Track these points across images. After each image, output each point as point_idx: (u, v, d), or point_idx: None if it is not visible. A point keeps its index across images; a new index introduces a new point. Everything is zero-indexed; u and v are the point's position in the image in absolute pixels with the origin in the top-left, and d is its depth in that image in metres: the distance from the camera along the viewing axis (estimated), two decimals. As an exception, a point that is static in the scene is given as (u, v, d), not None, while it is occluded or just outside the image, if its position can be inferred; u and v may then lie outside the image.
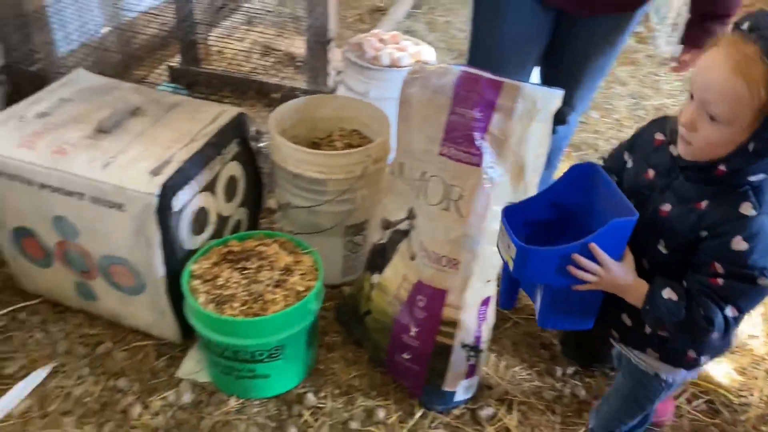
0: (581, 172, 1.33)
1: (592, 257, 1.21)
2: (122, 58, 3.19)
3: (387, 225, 1.76)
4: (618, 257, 1.23)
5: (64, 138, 1.72)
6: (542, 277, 1.29)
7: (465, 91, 1.45)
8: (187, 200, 1.72)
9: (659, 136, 1.31)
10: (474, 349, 1.67)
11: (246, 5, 3.58)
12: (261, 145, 2.34)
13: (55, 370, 1.80)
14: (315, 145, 2.10)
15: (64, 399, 1.73)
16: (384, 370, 1.84)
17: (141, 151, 1.69)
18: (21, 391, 1.73)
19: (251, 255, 1.75)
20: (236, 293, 1.65)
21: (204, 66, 3.31)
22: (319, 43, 2.90)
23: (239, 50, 3.49)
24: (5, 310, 1.97)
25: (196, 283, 1.68)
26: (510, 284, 1.53)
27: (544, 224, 1.38)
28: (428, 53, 2.62)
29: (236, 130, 1.90)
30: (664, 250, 1.25)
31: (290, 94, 3.06)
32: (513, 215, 1.31)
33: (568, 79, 1.86)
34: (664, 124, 1.31)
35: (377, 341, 1.79)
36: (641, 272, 1.26)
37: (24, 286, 2.01)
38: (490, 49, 1.88)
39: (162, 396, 1.75)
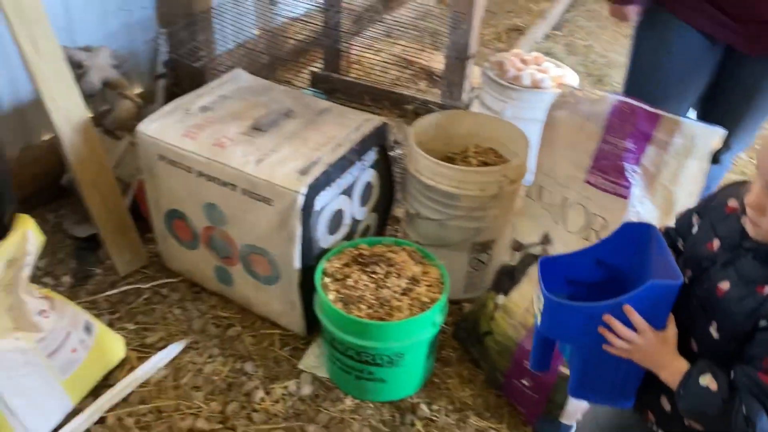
0: (634, 230, 1.20)
1: (629, 322, 1.07)
2: (270, 60, 3.39)
3: (518, 247, 1.76)
4: (659, 326, 1.08)
5: (223, 132, 1.85)
6: (571, 336, 1.17)
7: (619, 120, 1.43)
8: (328, 201, 1.80)
9: (732, 203, 1.15)
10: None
11: (387, 18, 3.69)
12: (395, 153, 2.40)
13: (189, 346, 1.94)
14: (449, 159, 2.13)
15: (195, 374, 1.86)
16: (499, 392, 1.83)
17: (292, 151, 1.79)
18: (159, 361, 1.87)
19: (380, 260, 1.80)
20: (364, 295, 1.71)
21: (344, 74, 3.45)
22: (459, 59, 2.95)
23: (377, 61, 3.60)
24: (150, 284, 2.14)
25: (327, 280, 1.76)
26: (542, 343, 1.32)
27: (591, 285, 1.25)
28: (571, 77, 2.59)
29: (377, 138, 1.97)
30: (715, 334, 1.08)
31: (424, 106, 3.13)
32: (554, 269, 1.21)
33: (729, 118, 1.77)
34: (739, 190, 1.14)
35: (496, 363, 1.79)
36: (687, 354, 1.10)
37: (168, 264, 2.18)
38: (651, 85, 1.83)
39: (284, 384, 1.83)
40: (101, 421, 1.70)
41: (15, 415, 1.53)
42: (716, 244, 1.13)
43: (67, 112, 1.92)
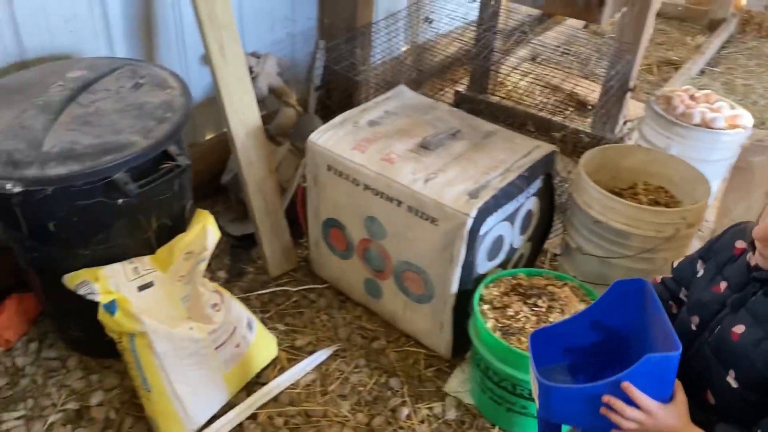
0: (627, 288, 1.14)
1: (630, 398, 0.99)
2: (416, 75, 3.42)
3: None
4: (665, 396, 1.00)
5: (391, 148, 1.87)
6: (574, 419, 1.09)
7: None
8: (492, 226, 1.77)
9: (740, 244, 1.08)
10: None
11: (534, 40, 3.63)
12: (559, 186, 2.34)
13: (335, 353, 1.96)
14: (616, 194, 2.04)
15: (342, 383, 1.87)
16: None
17: (460, 172, 1.78)
18: (308, 364, 1.91)
19: (542, 293, 1.75)
20: (525, 328, 1.66)
21: (489, 94, 3.42)
22: (619, 90, 2.84)
23: (525, 84, 3.54)
24: (298, 288, 2.19)
25: (485, 307, 1.72)
26: (547, 425, 1.22)
27: (591, 349, 1.18)
28: (746, 119, 2.43)
29: (545, 166, 1.92)
30: (734, 384, 0.99)
31: (573, 136, 3.03)
32: (549, 340, 1.13)
33: None
34: (745, 231, 1.08)
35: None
36: (706, 409, 1.02)
37: (317, 270, 2.22)
38: None
39: (428, 405, 1.81)
40: (253, 417, 1.75)
41: (180, 401, 1.60)
42: (723, 285, 1.07)
43: (243, 115, 2.02)
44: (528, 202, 1.91)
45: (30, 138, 1.38)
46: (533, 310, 1.70)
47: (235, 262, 2.30)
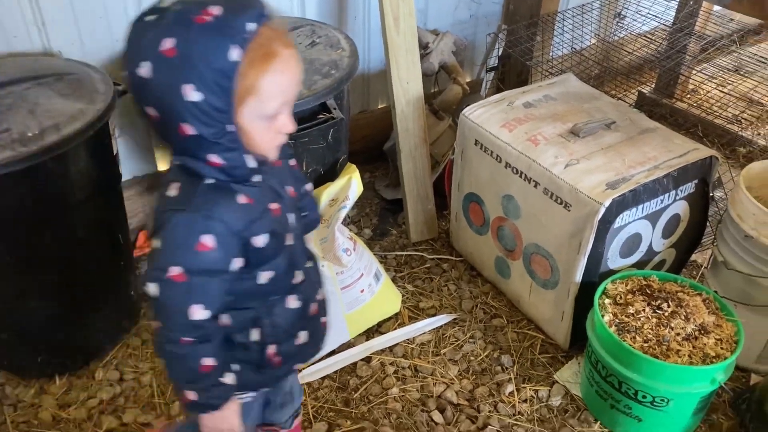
0: None
1: None
2: (600, 72, 3.33)
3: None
4: None
5: (540, 130, 1.89)
6: None
7: None
8: (628, 221, 1.74)
9: None
10: None
11: (741, 51, 3.35)
12: (716, 194, 2.20)
13: (455, 321, 2.04)
14: (781, 212, 1.89)
15: (455, 349, 1.95)
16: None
17: (604, 163, 1.76)
18: (428, 325, 2.01)
19: (669, 298, 1.69)
20: (642, 327, 1.62)
21: (674, 98, 3.24)
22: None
23: (718, 94, 3.30)
24: (434, 256, 2.30)
25: (607, 301, 1.70)
26: None
27: None
28: None
29: (701, 171, 1.82)
30: None
31: (761, 153, 2.79)
32: None
33: None
34: None
35: (777, 446, 1.58)
36: None
37: (454, 243, 2.31)
38: None
39: (535, 388, 1.84)
40: (367, 360, 1.89)
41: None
42: None
43: (407, 84, 2.14)
44: (675, 206, 1.83)
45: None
46: (655, 312, 1.65)
47: (382, 223, 2.45)
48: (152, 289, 0.97)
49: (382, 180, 2.64)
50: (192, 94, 0.87)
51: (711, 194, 1.92)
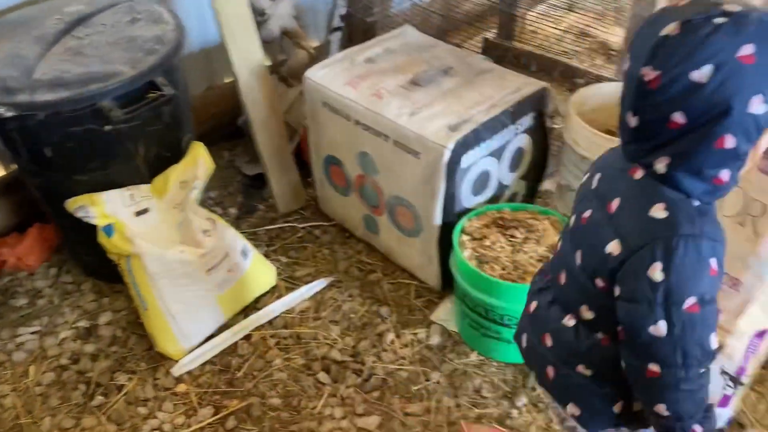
0: None
1: None
2: (443, 23, 3.42)
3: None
4: None
5: (382, 83, 1.92)
6: None
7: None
8: (475, 161, 1.82)
9: None
10: (734, 379, 1.51)
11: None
12: (556, 126, 2.34)
13: (332, 284, 2.07)
14: (610, 133, 2.04)
15: (335, 310, 1.98)
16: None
17: (445, 107, 1.82)
18: (305, 292, 2.02)
19: (521, 225, 1.79)
20: (499, 257, 1.71)
21: (517, 42, 3.38)
22: (639, 33, 2.77)
23: (554, 32, 3.49)
24: (305, 225, 2.30)
25: (465, 238, 1.78)
26: None
27: None
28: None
29: (535, 103, 1.93)
30: None
31: (597, 82, 2.99)
32: None
33: None
34: None
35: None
36: None
37: (323, 208, 2.32)
38: None
39: (414, 332, 1.90)
40: (247, 338, 1.88)
41: (174, 319, 1.75)
42: None
43: (246, 54, 2.09)
44: (517, 140, 1.94)
45: (23, 67, 1.51)
46: (510, 241, 1.75)
47: (248, 199, 2.42)
48: (661, 328, 0.88)
49: (243, 156, 2.59)
50: (758, 106, 0.81)
51: (549, 124, 2.04)
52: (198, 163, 1.71)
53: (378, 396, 1.74)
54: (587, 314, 1.03)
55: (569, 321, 1.07)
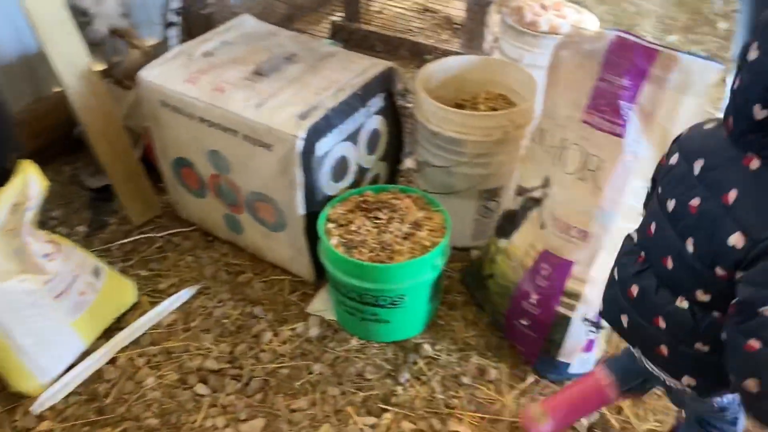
0: None
1: None
2: (288, 9, 3.36)
3: (521, 191, 1.73)
4: None
5: (223, 77, 1.85)
6: None
7: (617, 57, 1.37)
8: (330, 147, 1.80)
9: None
10: (595, 324, 1.62)
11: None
12: (407, 104, 2.37)
13: (200, 291, 1.98)
14: (459, 106, 2.09)
15: (205, 318, 1.90)
16: (501, 334, 1.84)
17: (292, 95, 1.78)
18: (170, 305, 1.92)
19: (384, 206, 1.80)
20: (366, 240, 1.71)
21: (363, 23, 3.39)
22: (479, 6, 2.87)
23: (399, 10, 3.53)
24: (163, 233, 2.18)
25: (330, 226, 1.77)
26: None
27: None
28: (590, 22, 2.50)
29: (384, 83, 1.94)
30: None
31: (444, 56, 3.06)
32: None
33: None
34: None
35: (497, 305, 1.79)
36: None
37: (181, 213, 2.21)
38: None
39: (291, 327, 1.87)
40: (113, 361, 1.76)
41: (26, 354, 1.59)
42: None
43: (70, 58, 1.92)
44: (371, 122, 1.94)
45: None
46: (374, 223, 1.75)
47: (97, 214, 2.26)
48: None
49: (86, 169, 2.41)
50: None
51: (400, 103, 2.06)
52: (28, 182, 1.55)
53: (261, 398, 1.69)
54: (703, 297, 1.05)
55: (682, 303, 1.08)
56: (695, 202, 1.03)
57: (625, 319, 1.22)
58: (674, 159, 1.12)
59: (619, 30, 1.42)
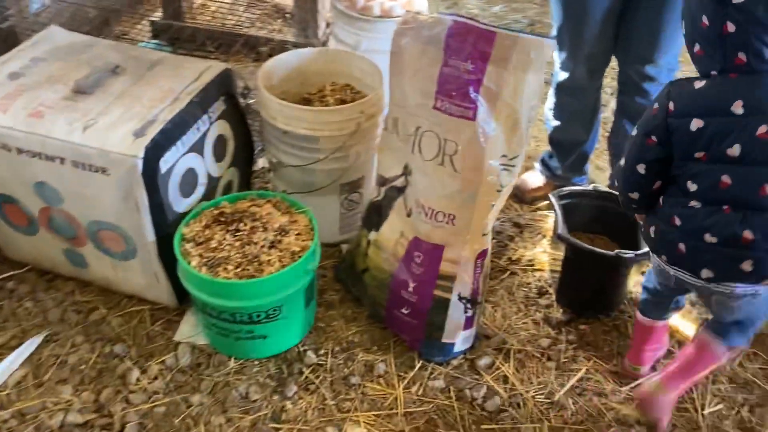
0: None
1: None
2: (99, 13, 3.07)
3: (383, 182, 1.71)
4: None
5: (39, 100, 1.65)
6: None
7: (458, 42, 1.38)
8: (174, 161, 1.66)
9: None
10: (471, 301, 1.66)
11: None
12: (250, 102, 2.27)
13: (47, 338, 1.77)
14: (306, 101, 2.03)
15: (59, 367, 1.70)
16: (383, 325, 1.83)
17: (123, 112, 1.62)
18: (14, 360, 1.70)
19: (244, 216, 1.70)
20: (230, 255, 1.61)
21: (187, 20, 3.20)
22: (304, -8, 2.80)
23: (223, 2, 3.36)
24: (-7, 280, 1.93)
25: (188, 246, 1.64)
26: None
27: None
28: (419, 2, 2.52)
29: (222, 86, 1.83)
30: None
31: (280, 48, 2.96)
32: None
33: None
34: None
35: (376, 297, 1.77)
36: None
37: (10, 255, 1.97)
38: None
39: (160, 360, 1.72)
40: (-48, 439, 1.53)
41: None
42: None
43: None
44: (214, 128, 1.82)
45: None
46: (236, 236, 1.66)
47: None
48: None
49: None
50: None
51: (243, 104, 1.96)
52: None
53: (139, 445, 1.55)
54: None
55: None
56: (762, 129, 1.16)
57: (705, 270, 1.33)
58: (696, 123, 1.23)
59: (454, 14, 1.42)
